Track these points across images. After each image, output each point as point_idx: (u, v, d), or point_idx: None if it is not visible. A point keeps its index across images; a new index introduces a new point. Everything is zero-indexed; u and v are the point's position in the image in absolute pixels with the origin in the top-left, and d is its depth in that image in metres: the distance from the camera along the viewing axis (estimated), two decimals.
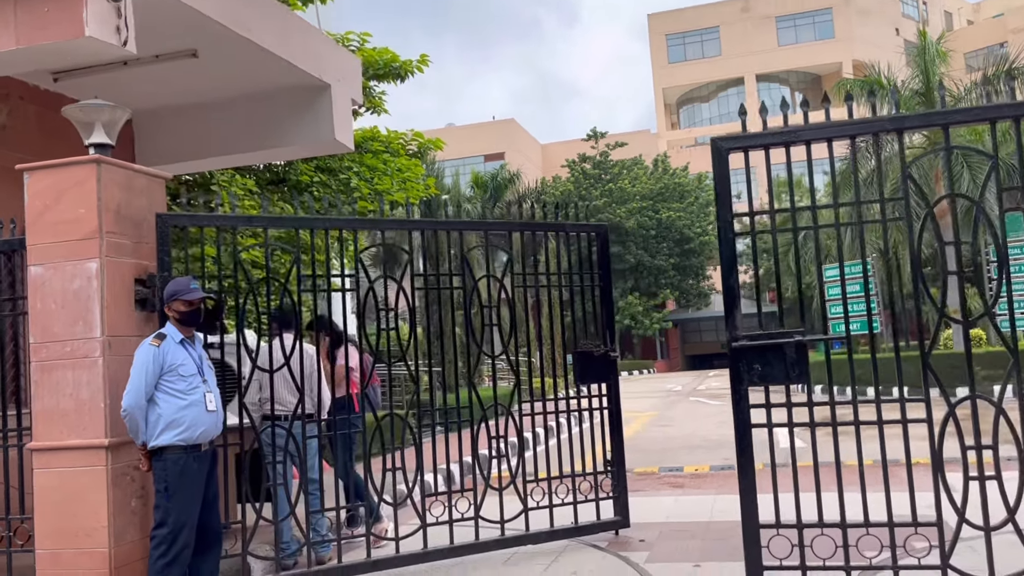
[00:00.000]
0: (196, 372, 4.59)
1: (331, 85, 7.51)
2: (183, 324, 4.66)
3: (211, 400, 4.60)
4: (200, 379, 4.60)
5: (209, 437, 4.61)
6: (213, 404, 4.61)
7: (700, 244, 46.08)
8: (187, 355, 4.60)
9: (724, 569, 5.16)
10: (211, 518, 4.69)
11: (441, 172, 31.94)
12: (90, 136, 5.02)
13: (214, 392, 4.67)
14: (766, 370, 4.08)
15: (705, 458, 10.40)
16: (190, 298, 4.62)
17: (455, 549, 5.71)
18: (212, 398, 4.62)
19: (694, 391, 25.70)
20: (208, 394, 4.60)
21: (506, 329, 6.16)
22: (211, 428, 4.61)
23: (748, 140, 4.20)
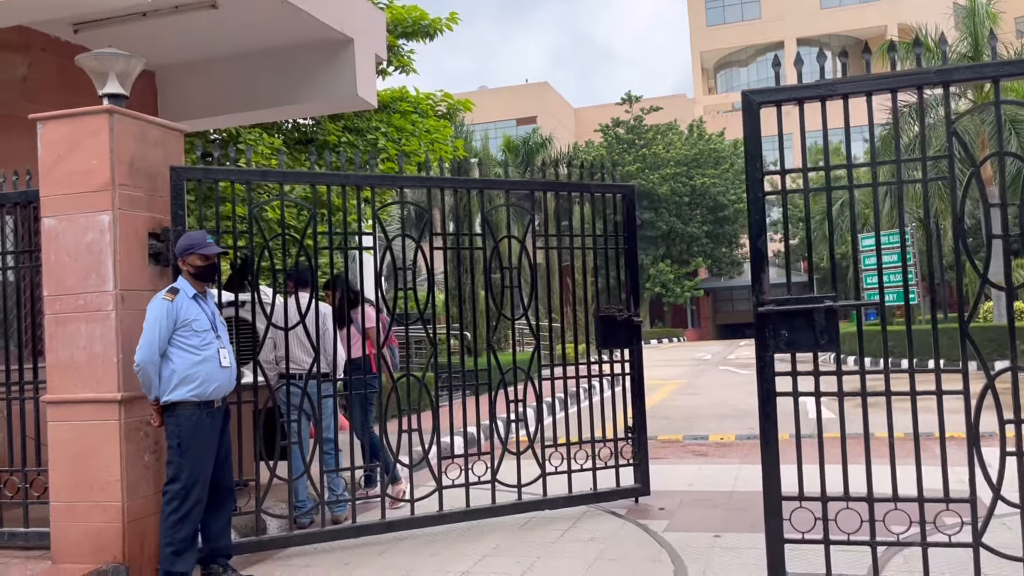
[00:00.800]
0: (209, 328, 4.53)
1: (353, 39, 7.35)
2: (197, 279, 4.59)
3: (224, 356, 4.55)
4: (213, 335, 4.54)
5: (222, 393, 4.57)
6: (227, 360, 4.56)
7: (734, 212, 45.38)
8: (200, 310, 4.53)
9: (744, 540, 5.03)
10: (223, 475, 4.65)
11: (471, 135, 31.67)
12: (104, 86, 4.93)
13: (227, 348, 4.61)
14: (793, 336, 3.89)
15: (731, 427, 10.23)
16: (207, 252, 4.55)
17: (471, 512, 5.64)
18: (226, 354, 4.56)
19: (724, 360, 25.44)
20: (222, 350, 4.54)
21: (528, 292, 6.02)
22: (224, 384, 4.56)
23: (781, 93, 3.97)
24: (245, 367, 6.20)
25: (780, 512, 3.86)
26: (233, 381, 4.67)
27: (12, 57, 6.63)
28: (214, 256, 4.59)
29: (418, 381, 5.67)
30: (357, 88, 7.38)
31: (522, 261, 6.02)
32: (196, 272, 4.58)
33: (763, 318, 3.91)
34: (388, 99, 12.08)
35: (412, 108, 12.42)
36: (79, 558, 4.59)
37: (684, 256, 46.13)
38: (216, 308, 4.74)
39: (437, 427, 5.73)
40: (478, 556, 4.97)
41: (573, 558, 4.85)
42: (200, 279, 4.61)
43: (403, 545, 5.30)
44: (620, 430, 6.19)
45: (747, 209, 4.02)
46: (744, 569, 4.49)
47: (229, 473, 4.73)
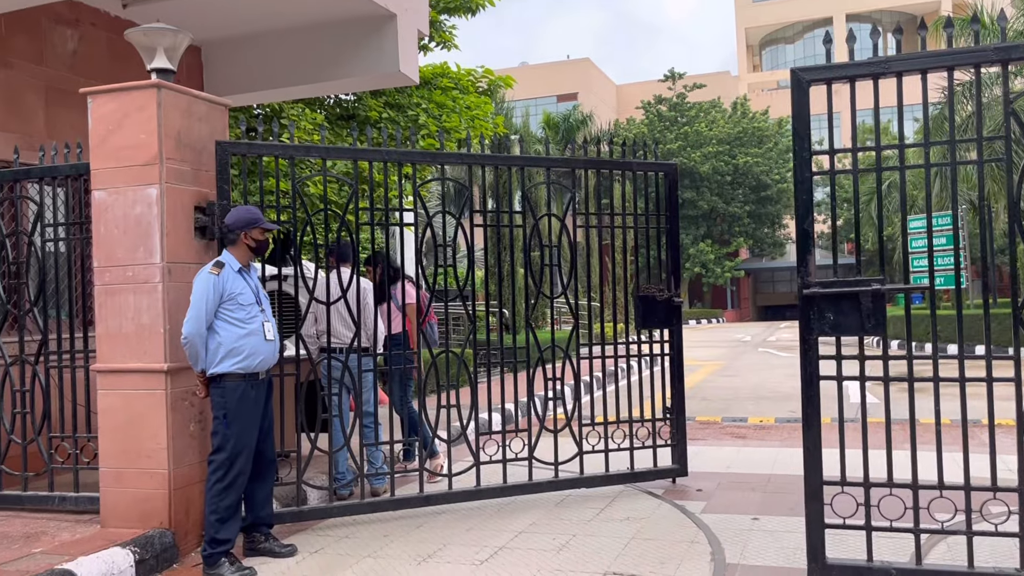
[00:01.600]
0: (254, 301, 4.61)
1: (396, 15, 7.34)
2: (256, 253, 4.70)
3: (269, 329, 4.63)
4: (258, 308, 4.61)
5: (267, 366, 4.64)
6: (271, 333, 4.63)
7: (778, 191, 44.65)
8: (245, 284, 4.60)
9: (783, 524, 5.00)
10: (266, 446, 4.73)
11: (511, 111, 31.51)
12: (152, 61, 4.98)
13: (271, 321, 4.69)
14: (839, 320, 3.82)
15: (771, 410, 10.14)
16: (268, 227, 4.69)
17: (508, 488, 5.68)
18: (270, 327, 4.64)
19: (764, 342, 25.17)
20: (266, 323, 4.62)
21: (567, 270, 6.00)
22: (269, 357, 4.64)
23: (832, 71, 3.87)
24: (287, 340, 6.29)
25: (821, 496, 3.82)
26: (277, 354, 4.75)
27: (63, 32, 6.74)
28: (268, 231, 4.71)
29: (457, 357, 5.70)
30: (399, 64, 7.37)
31: (562, 239, 6.00)
32: (256, 246, 4.67)
33: (808, 300, 3.85)
34: (429, 75, 12.07)
35: (453, 84, 12.39)
36: (127, 523, 4.72)
37: (725, 236, 45.57)
38: (259, 282, 4.80)
39: (475, 403, 5.76)
40: (514, 532, 5.01)
41: (609, 537, 4.86)
42: (257, 253, 4.72)
43: (440, 519, 5.36)
44: (658, 410, 6.17)
45: (793, 189, 3.94)
46: (782, 553, 4.46)
47: (272, 444, 4.80)
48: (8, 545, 4.56)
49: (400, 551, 4.71)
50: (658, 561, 4.39)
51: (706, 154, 43.59)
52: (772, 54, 61.64)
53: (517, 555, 4.56)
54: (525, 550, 4.65)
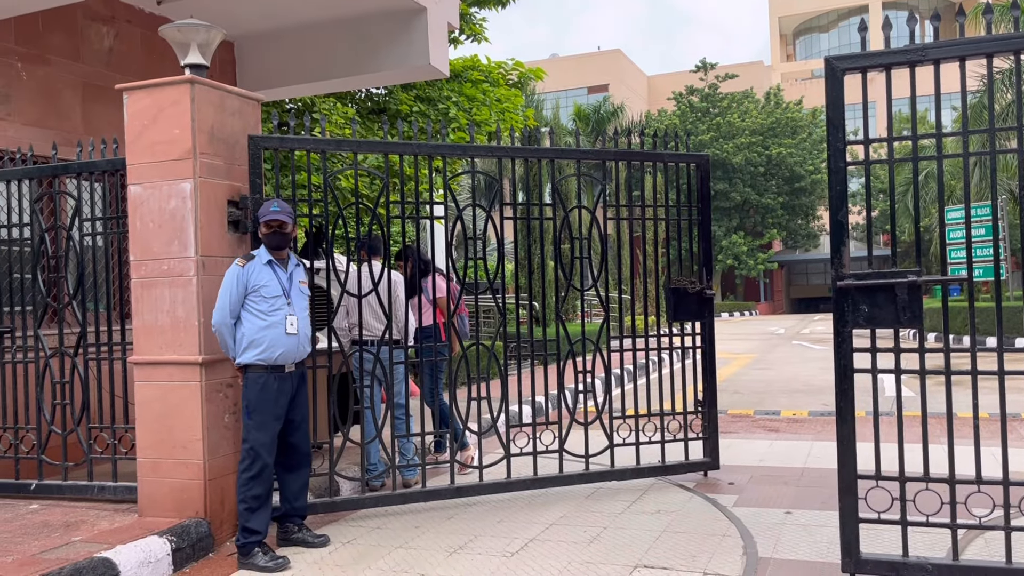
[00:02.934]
0: (281, 294, 4.59)
1: (427, 8, 7.35)
2: (267, 246, 4.67)
3: (292, 323, 4.59)
4: (284, 301, 4.59)
5: (289, 359, 4.61)
6: (294, 327, 4.60)
7: (811, 183, 44.06)
8: (273, 276, 4.60)
9: (816, 518, 4.95)
10: (299, 439, 4.76)
11: (542, 104, 31.41)
12: (186, 57, 5.04)
13: (298, 315, 4.64)
14: (874, 312, 3.76)
15: (804, 403, 10.03)
16: (267, 219, 4.62)
17: (538, 480, 5.69)
18: (294, 321, 4.60)
19: (797, 334, 24.89)
20: (290, 316, 4.58)
21: (598, 263, 5.98)
22: (290, 350, 4.60)
23: (867, 59, 3.80)
24: (320, 333, 6.34)
25: (855, 491, 3.77)
26: (303, 348, 4.69)
27: (98, 29, 6.84)
28: (276, 223, 4.60)
29: (487, 350, 5.71)
30: (430, 57, 7.39)
31: (592, 232, 5.97)
32: (264, 239, 4.68)
33: (842, 293, 3.79)
34: (460, 68, 12.08)
35: (483, 77, 12.38)
36: (164, 512, 4.80)
37: (758, 228, 45.09)
38: (296, 276, 4.76)
39: (506, 395, 5.77)
40: (545, 524, 5.01)
41: (639, 529, 4.85)
42: (269, 246, 4.66)
43: (471, 511, 5.38)
44: (690, 403, 6.13)
45: (828, 180, 3.89)
46: (816, 547, 4.42)
47: (305, 438, 4.80)
48: (49, 533, 4.67)
49: (431, 542, 4.74)
50: (689, 554, 4.37)
51: (739, 145, 43.13)
52: (806, 43, 60.77)
53: (548, 547, 4.57)
54: (556, 542, 4.65)
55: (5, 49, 6.15)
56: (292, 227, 4.70)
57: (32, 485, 5.53)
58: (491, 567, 4.28)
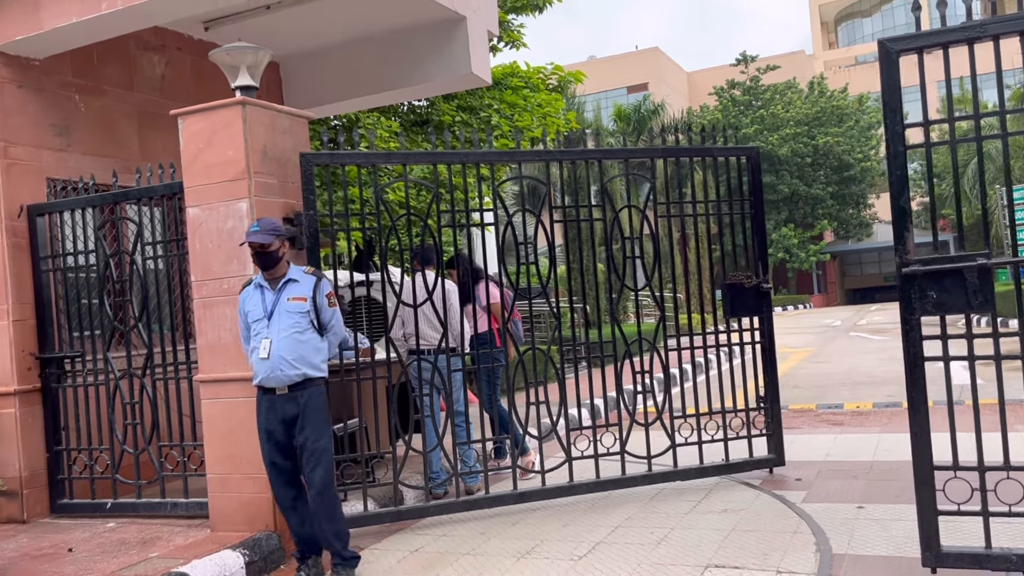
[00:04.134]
0: (262, 317, 4.35)
1: (466, 17, 7.38)
2: (257, 265, 4.45)
3: (264, 347, 4.29)
4: (264, 324, 4.33)
5: (272, 383, 4.31)
6: (265, 351, 4.29)
7: (861, 171, 43.09)
8: (259, 300, 4.40)
9: (890, 512, 4.82)
10: (303, 467, 4.34)
11: (582, 106, 31.34)
12: (236, 79, 5.14)
13: (274, 337, 4.28)
14: (943, 298, 3.66)
15: (867, 395, 9.80)
16: (246, 241, 4.37)
17: (601, 483, 5.65)
18: (266, 344, 4.29)
19: (854, 326, 24.35)
20: (264, 340, 4.30)
21: (650, 262, 5.94)
22: (266, 375, 4.30)
23: (923, 39, 3.71)
24: (377, 344, 6.41)
25: (932, 482, 3.66)
26: (280, 371, 4.27)
27: (150, 57, 7.03)
28: (255, 246, 4.32)
29: (543, 354, 5.70)
30: (471, 66, 7.42)
31: (643, 231, 5.93)
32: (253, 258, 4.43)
33: (908, 279, 3.70)
34: (500, 75, 12.12)
35: (523, 83, 12.42)
36: (235, 526, 4.89)
37: (808, 219, 44.27)
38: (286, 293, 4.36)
39: (564, 399, 5.75)
40: (611, 527, 4.98)
41: (708, 529, 4.79)
42: (258, 267, 4.45)
43: (535, 515, 5.37)
44: (751, 400, 6.04)
45: (887, 165, 3.80)
46: (892, 542, 4.31)
47: (313, 470, 4.29)
48: (127, 550, 4.79)
49: (498, 547, 4.74)
50: (760, 553, 4.29)
51: (784, 136, 42.44)
52: (848, 29, 59.61)
53: (615, 550, 4.54)
54: (623, 544, 4.62)
55: (63, 82, 6.36)
56: (279, 244, 4.36)
57: (108, 504, 5.69)
58: (559, 571, 4.27)
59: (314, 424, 4.31)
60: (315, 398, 4.35)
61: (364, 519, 5.21)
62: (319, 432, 4.33)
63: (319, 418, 4.34)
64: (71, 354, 5.94)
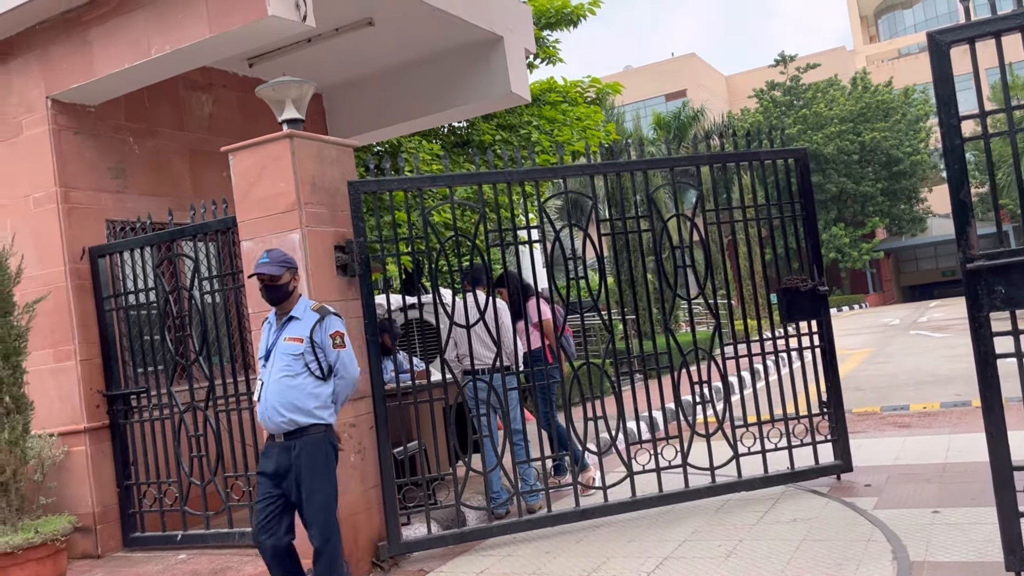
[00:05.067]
0: (263, 356, 4.08)
1: (503, 37, 7.44)
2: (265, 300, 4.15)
3: (258, 390, 4.04)
4: (264, 364, 4.06)
5: (268, 429, 4.00)
6: (258, 394, 4.02)
7: (911, 165, 42.17)
8: (264, 337, 4.12)
9: (968, 515, 4.66)
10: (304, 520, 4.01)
11: (621, 117, 31.26)
12: (283, 113, 5.24)
13: (267, 380, 3.98)
14: (1011, 292, 3.54)
15: (933, 394, 9.52)
16: (253, 273, 4.11)
17: (664, 497, 5.58)
18: (259, 387, 4.02)
19: (914, 324, 23.75)
20: (258, 382, 4.06)
21: (701, 270, 5.87)
22: (264, 419, 3.99)
23: (974, 29, 3.62)
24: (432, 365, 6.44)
25: (1012, 484, 3.54)
26: (271, 417, 3.95)
27: (198, 97, 7.22)
28: (264, 278, 4.02)
29: (598, 368, 5.66)
30: (511, 84, 7.46)
31: (692, 238, 5.88)
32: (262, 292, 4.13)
33: (974, 275, 3.59)
34: (537, 92, 12.16)
35: (561, 98, 12.44)
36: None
37: (859, 217, 43.40)
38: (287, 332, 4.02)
39: (622, 412, 5.70)
40: (678, 541, 4.90)
41: (777, 540, 4.68)
42: (267, 302, 4.14)
43: (599, 532, 5.32)
44: (812, 405, 5.91)
45: (944, 161, 3.70)
46: (972, 547, 4.16)
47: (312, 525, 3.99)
48: None
49: (564, 566, 4.70)
50: (834, 563, 4.18)
51: (828, 135, 41.76)
52: (889, 22, 58.58)
53: (683, 564, 4.47)
54: (691, 559, 4.54)
55: (117, 126, 6.56)
56: (289, 278, 4.05)
57: (178, 536, 5.79)
58: None
59: (310, 478, 3.91)
60: (311, 448, 3.92)
61: (428, 542, 5.22)
62: (316, 486, 3.92)
63: (316, 471, 3.93)
64: (136, 390, 6.09)
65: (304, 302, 4.13)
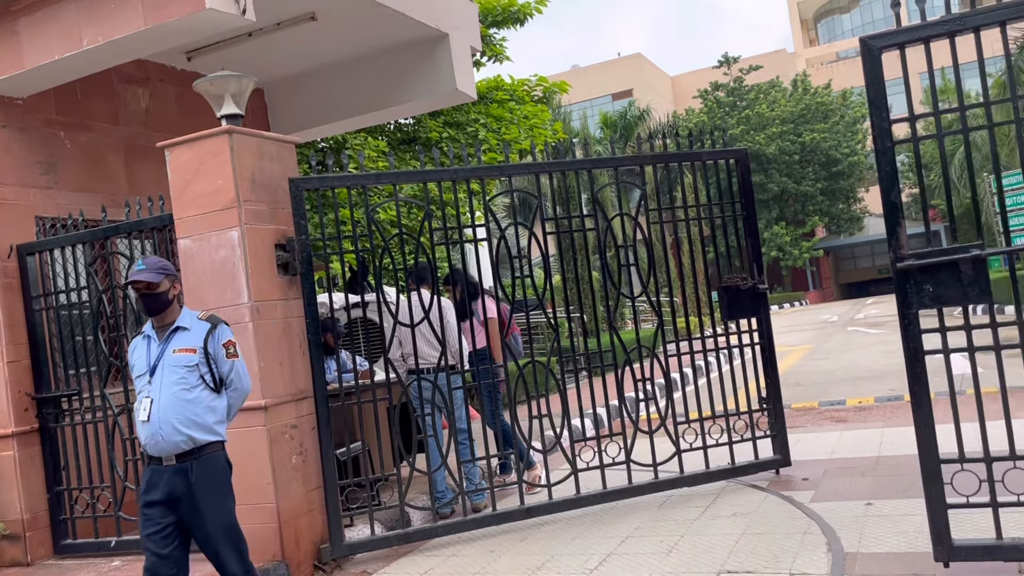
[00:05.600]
0: (145, 372, 3.68)
1: (449, 34, 7.40)
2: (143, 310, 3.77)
3: (144, 408, 3.60)
4: (146, 380, 3.65)
5: (155, 451, 3.58)
6: (145, 412, 3.59)
7: (849, 165, 43.28)
8: (144, 352, 3.72)
9: (899, 507, 4.80)
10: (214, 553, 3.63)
11: (568, 116, 31.42)
12: (221, 108, 5.14)
13: (157, 396, 3.59)
14: (939, 291, 3.66)
15: (869, 390, 9.80)
16: (128, 282, 3.77)
17: (608, 494, 5.62)
18: (147, 405, 3.59)
19: (851, 320, 24.38)
20: (144, 400, 3.62)
21: (645, 269, 5.93)
22: (148, 440, 3.58)
23: (904, 35, 3.72)
24: (376, 365, 6.38)
25: (940, 476, 3.65)
26: (164, 437, 3.54)
27: (134, 90, 7.02)
28: (140, 285, 3.63)
29: (543, 367, 5.68)
30: (456, 82, 7.43)
31: (636, 237, 5.93)
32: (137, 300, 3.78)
33: (904, 274, 3.70)
34: (484, 90, 12.14)
35: (508, 96, 12.44)
36: None
37: (799, 216, 44.39)
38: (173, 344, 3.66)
39: (566, 410, 5.73)
40: (620, 537, 4.95)
41: (718, 534, 4.76)
42: (144, 310, 3.76)
43: (544, 530, 5.34)
44: (752, 401, 6.03)
45: (876, 162, 3.80)
46: (903, 537, 4.29)
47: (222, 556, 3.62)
48: None
49: (509, 565, 4.70)
50: (772, 556, 4.27)
51: (770, 135, 42.61)
52: (828, 26, 60.01)
53: (626, 560, 4.51)
54: (634, 555, 4.59)
55: (47, 120, 6.34)
56: (168, 285, 3.69)
57: (112, 542, 5.63)
58: None
59: (212, 500, 3.57)
60: (211, 467, 3.61)
61: (372, 543, 5.18)
62: (219, 508, 3.59)
63: (221, 492, 3.62)
64: (68, 392, 5.90)
65: (188, 312, 3.79)
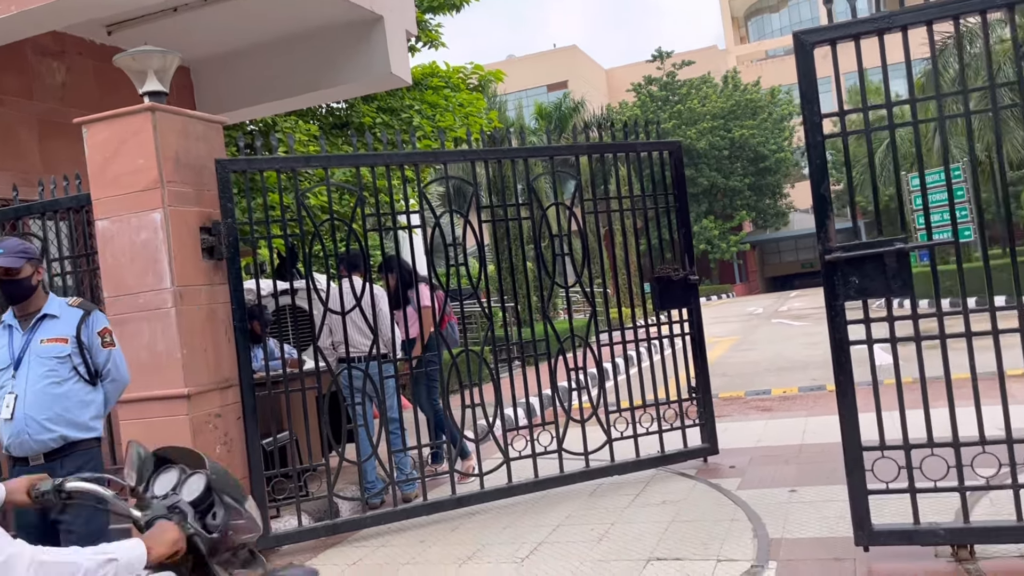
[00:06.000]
0: (8, 365, 3.39)
1: (383, 17, 7.27)
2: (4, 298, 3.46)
3: (7, 404, 3.32)
4: (10, 374, 3.37)
5: (20, 451, 3.33)
6: (9, 409, 3.32)
7: (776, 162, 44.41)
8: (5, 343, 3.43)
9: (822, 493, 4.93)
10: None
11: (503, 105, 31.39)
12: (144, 85, 4.93)
13: (21, 392, 3.32)
14: (864, 283, 3.75)
15: (793, 380, 10.07)
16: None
17: (540, 483, 5.62)
18: (11, 401, 3.32)
19: (776, 313, 25.06)
20: (8, 396, 3.34)
21: (579, 259, 5.94)
22: (11, 441, 3.33)
23: (836, 31, 3.79)
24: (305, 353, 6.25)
25: (862, 464, 3.75)
26: (25, 436, 3.29)
27: (49, 64, 6.69)
28: (0, 271, 3.33)
29: (477, 356, 5.64)
30: (390, 65, 7.31)
31: (571, 227, 5.93)
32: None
33: (831, 266, 3.78)
34: (419, 76, 11.99)
35: (444, 83, 12.32)
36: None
37: (727, 211, 45.38)
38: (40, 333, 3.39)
39: (500, 400, 5.70)
40: (551, 526, 4.96)
41: (647, 522, 4.81)
42: (5, 298, 3.44)
43: (475, 519, 5.31)
44: (682, 391, 6.11)
45: (807, 155, 3.87)
46: (825, 523, 4.40)
47: None
48: None
49: (439, 555, 4.66)
50: (700, 543, 4.33)
51: (701, 130, 43.39)
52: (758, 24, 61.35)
53: (557, 548, 4.51)
54: (565, 543, 4.60)
55: None
56: (31, 271, 3.41)
57: None
58: (503, 575, 4.21)
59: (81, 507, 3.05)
60: (82, 467, 3.29)
61: (298, 535, 5.07)
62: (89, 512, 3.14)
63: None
64: None
65: (56, 299, 3.51)
